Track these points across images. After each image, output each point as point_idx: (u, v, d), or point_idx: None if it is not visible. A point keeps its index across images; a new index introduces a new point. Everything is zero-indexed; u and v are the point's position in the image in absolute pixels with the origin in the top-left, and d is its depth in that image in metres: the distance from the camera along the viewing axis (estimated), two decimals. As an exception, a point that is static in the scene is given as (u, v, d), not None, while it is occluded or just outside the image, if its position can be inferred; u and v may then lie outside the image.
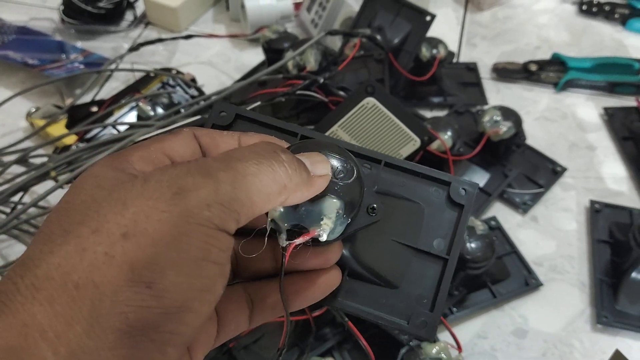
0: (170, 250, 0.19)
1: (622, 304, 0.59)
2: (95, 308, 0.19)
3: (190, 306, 0.20)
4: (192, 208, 0.20)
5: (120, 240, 0.19)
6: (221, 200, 0.21)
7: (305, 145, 0.26)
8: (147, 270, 0.19)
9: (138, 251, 0.19)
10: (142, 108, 0.70)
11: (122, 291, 0.19)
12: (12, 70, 0.86)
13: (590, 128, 0.78)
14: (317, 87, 0.63)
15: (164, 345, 0.20)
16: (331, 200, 0.25)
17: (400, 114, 0.57)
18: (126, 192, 0.21)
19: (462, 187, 0.30)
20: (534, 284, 0.62)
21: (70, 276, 0.19)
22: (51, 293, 0.19)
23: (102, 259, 0.19)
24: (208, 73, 0.87)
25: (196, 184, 0.21)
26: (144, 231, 0.19)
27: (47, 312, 0.18)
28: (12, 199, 0.64)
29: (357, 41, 0.68)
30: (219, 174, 0.21)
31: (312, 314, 0.53)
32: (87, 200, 0.21)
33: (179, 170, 0.21)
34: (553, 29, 0.94)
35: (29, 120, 0.77)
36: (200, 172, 0.21)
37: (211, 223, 0.20)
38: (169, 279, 0.19)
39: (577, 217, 0.68)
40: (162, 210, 0.20)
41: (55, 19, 0.93)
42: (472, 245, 0.56)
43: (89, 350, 0.18)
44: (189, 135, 0.26)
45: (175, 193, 0.20)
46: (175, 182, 0.21)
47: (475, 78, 0.85)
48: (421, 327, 0.28)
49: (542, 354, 0.58)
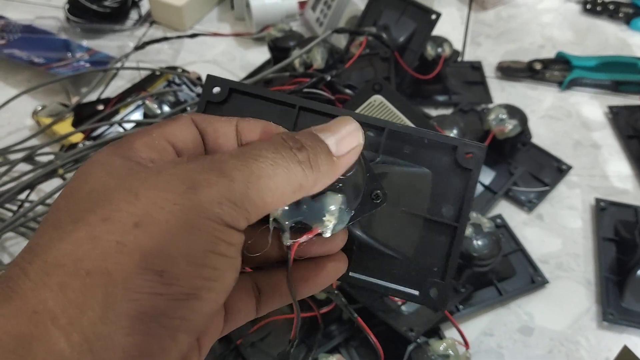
0: (180, 240, 0.20)
1: (628, 302, 0.60)
2: (109, 295, 0.19)
3: (198, 294, 0.20)
4: (203, 204, 0.20)
5: (132, 229, 0.19)
6: (233, 199, 0.21)
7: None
8: (158, 259, 0.19)
9: (149, 240, 0.19)
10: (148, 106, 0.70)
11: (133, 279, 0.19)
12: (18, 68, 0.86)
13: (595, 126, 0.79)
14: (323, 85, 0.63)
15: (175, 332, 0.20)
16: (333, 196, 0.24)
17: (407, 112, 0.57)
18: (139, 182, 0.21)
19: (470, 150, 0.29)
20: (540, 281, 0.62)
21: (82, 263, 0.19)
22: (63, 279, 0.19)
23: (114, 247, 0.19)
24: (213, 72, 0.86)
25: (209, 181, 0.21)
26: (156, 221, 0.20)
27: (59, 298, 0.18)
28: (19, 197, 0.64)
29: (363, 39, 0.68)
30: (233, 173, 0.21)
31: (319, 311, 0.53)
32: (98, 189, 0.21)
33: (193, 165, 0.21)
34: (557, 27, 0.94)
35: (35, 118, 0.77)
36: (214, 169, 0.21)
37: (221, 220, 0.20)
38: (179, 267, 0.20)
39: (582, 215, 0.68)
40: (174, 203, 0.20)
41: (61, 18, 0.93)
42: (478, 242, 0.56)
43: (103, 336, 0.18)
44: (188, 120, 0.26)
45: (188, 187, 0.20)
46: (189, 177, 0.21)
47: (479, 77, 0.85)
48: (432, 296, 0.28)
49: (548, 351, 0.58)
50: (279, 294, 0.27)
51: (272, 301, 0.28)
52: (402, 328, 0.54)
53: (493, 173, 0.70)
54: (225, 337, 0.56)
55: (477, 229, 0.57)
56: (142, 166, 0.23)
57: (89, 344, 0.18)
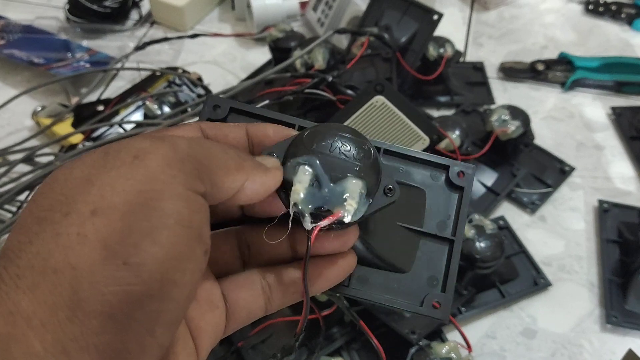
0: (140, 219, 0.19)
1: (632, 304, 0.59)
2: (75, 292, 0.18)
3: (171, 278, 0.19)
4: (154, 169, 0.20)
5: (90, 217, 0.19)
6: (180, 157, 0.20)
7: (320, 130, 0.26)
8: (120, 245, 0.18)
9: (108, 226, 0.19)
10: (148, 107, 0.70)
11: (98, 271, 0.18)
12: (17, 69, 0.86)
13: (597, 127, 0.78)
14: (325, 85, 0.63)
15: (152, 325, 0.19)
16: (353, 180, 0.25)
17: (409, 113, 0.57)
18: (89, 168, 0.20)
19: (460, 170, 0.30)
20: (543, 284, 0.61)
21: (48, 262, 0.18)
22: (33, 280, 0.18)
23: (76, 239, 0.18)
24: (214, 72, 0.87)
25: (154, 146, 0.20)
26: (112, 204, 0.19)
27: (31, 300, 0.18)
28: (18, 198, 0.64)
29: (365, 40, 0.68)
30: (174, 139, 0.21)
31: (321, 313, 0.53)
32: (57, 187, 0.20)
33: (134, 138, 0.21)
34: (559, 28, 0.94)
35: (34, 119, 0.77)
36: (156, 136, 0.21)
37: (176, 181, 0.20)
38: (144, 251, 0.19)
39: (585, 217, 0.68)
40: (125, 178, 0.19)
41: (61, 18, 0.93)
42: (481, 244, 0.56)
43: (74, 336, 0.18)
44: (196, 128, 0.26)
45: (134, 157, 0.20)
46: (133, 147, 0.20)
47: (482, 77, 0.85)
48: (435, 308, 0.28)
49: (551, 354, 0.57)
50: (292, 291, 0.27)
51: (284, 298, 0.27)
52: (404, 331, 0.53)
53: (495, 174, 0.70)
54: (226, 339, 0.56)
55: (479, 231, 0.57)
56: (95, 152, 0.22)
57: (62, 345, 0.18)
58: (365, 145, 0.26)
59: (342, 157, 0.25)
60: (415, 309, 0.29)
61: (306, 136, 0.26)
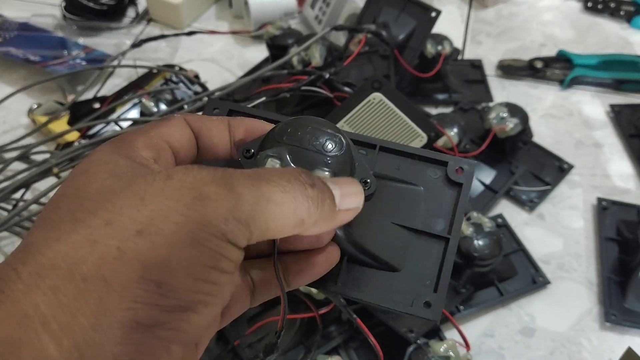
0: (182, 253, 0.19)
1: (631, 302, 0.59)
2: (103, 302, 0.18)
3: (196, 308, 0.20)
4: (209, 218, 0.20)
5: (134, 236, 0.19)
6: (239, 217, 0.20)
7: (291, 123, 0.26)
8: (157, 270, 0.19)
9: (151, 250, 0.19)
10: (145, 104, 0.69)
11: (131, 287, 0.18)
12: (13, 66, 0.86)
13: (596, 125, 0.78)
14: (322, 83, 0.62)
15: (169, 343, 0.20)
16: (323, 173, 0.24)
17: (407, 110, 0.56)
18: (146, 186, 0.20)
19: (460, 166, 0.29)
20: (542, 282, 0.61)
21: (78, 267, 0.18)
22: (56, 283, 0.18)
23: (114, 253, 0.19)
24: (211, 70, 0.86)
25: (218, 195, 0.20)
26: (159, 231, 0.19)
27: (51, 302, 0.18)
28: (14, 196, 0.64)
29: (363, 37, 0.68)
30: (242, 190, 0.21)
31: (318, 312, 0.53)
32: (102, 190, 0.21)
33: (204, 175, 0.21)
34: (558, 26, 0.93)
35: (30, 117, 0.76)
36: (225, 183, 0.21)
37: (224, 236, 0.20)
38: (178, 280, 0.19)
39: (584, 215, 0.68)
40: (180, 214, 0.20)
41: (57, 16, 0.92)
42: (479, 242, 0.55)
43: (94, 343, 0.18)
44: (181, 120, 0.26)
45: (195, 198, 0.20)
46: (198, 187, 0.20)
47: (480, 75, 0.84)
48: (426, 308, 0.28)
49: (550, 352, 0.57)
50: (274, 285, 0.27)
51: (266, 291, 0.27)
52: (402, 329, 0.53)
53: (494, 172, 0.70)
54: (222, 338, 0.55)
55: (477, 229, 0.56)
56: (147, 168, 0.22)
57: (79, 351, 0.18)
58: (337, 137, 0.25)
59: (312, 149, 0.25)
60: (405, 309, 0.28)
61: (278, 129, 0.25)
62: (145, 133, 0.25)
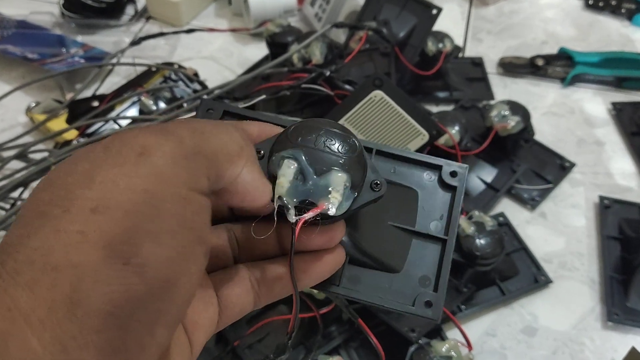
0: (144, 220, 0.18)
1: (633, 301, 0.58)
2: (76, 290, 0.17)
3: (173, 279, 0.19)
4: (159, 167, 0.19)
5: (91, 215, 0.18)
6: (185, 153, 0.20)
7: (305, 124, 0.26)
8: (123, 245, 0.18)
9: (111, 225, 0.18)
10: (144, 102, 0.69)
11: (101, 270, 0.18)
12: (11, 64, 0.85)
13: (598, 123, 0.77)
14: (322, 80, 0.62)
15: (153, 325, 0.19)
16: (338, 174, 0.25)
17: (408, 108, 0.56)
18: (90, 162, 0.19)
19: (453, 170, 0.30)
20: (544, 281, 0.61)
21: (48, 258, 0.18)
22: (32, 276, 0.18)
23: (76, 238, 0.18)
24: (210, 68, 0.86)
25: (159, 142, 0.20)
26: (115, 202, 0.18)
27: (29, 297, 0.17)
28: (12, 195, 0.63)
29: (363, 34, 0.67)
30: (178, 131, 0.20)
31: (319, 311, 0.52)
32: (58, 179, 0.20)
33: (137, 131, 0.20)
34: (560, 23, 0.93)
35: (28, 115, 0.76)
36: (160, 130, 0.20)
37: (180, 182, 0.19)
38: (147, 251, 0.18)
39: (586, 213, 0.67)
40: (129, 176, 0.19)
41: (56, 13, 0.92)
42: (481, 241, 0.55)
43: (73, 335, 0.17)
44: None
45: (139, 154, 0.19)
46: (137, 143, 0.20)
47: (481, 73, 0.84)
48: (426, 307, 0.28)
49: (552, 352, 0.57)
50: (280, 286, 0.27)
51: (271, 293, 0.27)
52: (403, 329, 0.53)
53: (495, 170, 0.69)
54: (222, 339, 0.55)
55: (479, 228, 0.56)
56: (95, 145, 0.21)
57: (61, 343, 0.17)
58: (350, 139, 0.26)
59: (327, 150, 0.25)
60: (406, 309, 0.28)
61: (291, 131, 0.26)
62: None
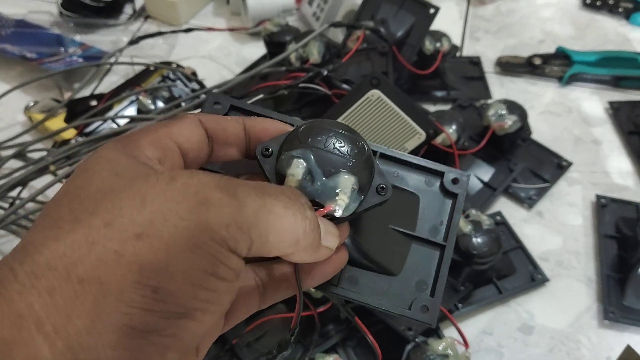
0: (181, 258, 0.19)
1: (630, 300, 0.59)
2: (99, 305, 0.18)
3: (193, 315, 0.20)
4: (211, 224, 0.20)
5: (133, 239, 0.19)
6: (241, 224, 0.20)
7: (315, 125, 0.26)
8: (155, 274, 0.19)
9: (149, 254, 0.19)
10: (142, 101, 0.69)
11: (127, 292, 0.18)
12: (9, 63, 0.85)
13: (595, 122, 0.78)
14: (320, 80, 0.62)
15: (165, 349, 0.19)
16: (346, 176, 0.25)
17: (405, 107, 0.56)
18: (148, 187, 0.20)
19: (455, 177, 0.31)
20: (540, 279, 0.61)
21: (75, 268, 0.18)
22: (52, 283, 0.18)
23: (112, 256, 0.18)
24: (208, 67, 0.86)
25: (222, 201, 0.20)
26: (159, 234, 0.19)
27: (46, 303, 0.18)
28: (10, 194, 0.63)
29: (361, 34, 0.67)
30: (246, 199, 0.21)
31: (316, 310, 0.52)
32: (103, 189, 0.20)
33: (208, 180, 0.21)
34: (557, 22, 0.93)
35: (27, 114, 0.76)
36: (228, 190, 0.21)
37: (225, 243, 0.20)
38: (176, 285, 0.19)
39: (583, 212, 0.67)
40: (181, 217, 0.19)
41: (54, 12, 0.92)
42: (478, 240, 0.55)
43: (88, 347, 0.18)
44: (195, 120, 0.26)
45: (198, 202, 0.20)
46: (202, 192, 0.20)
47: (478, 72, 0.84)
48: (422, 312, 0.28)
49: (549, 350, 0.57)
50: (285, 286, 0.27)
51: (276, 293, 0.27)
52: (400, 327, 0.53)
53: (492, 169, 0.69)
54: (220, 337, 0.55)
55: (476, 226, 0.56)
56: (150, 168, 0.22)
57: (72, 353, 0.17)
58: (359, 142, 0.26)
59: (336, 152, 0.25)
60: (402, 312, 0.29)
61: (301, 131, 0.26)
62: (152, 132, 0.24)
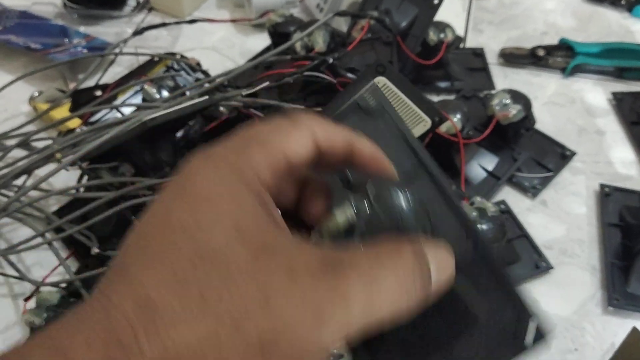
0: (283, 345, 0.19)
1: (634, 287, 0.59)
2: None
3: None
4: (325, 341, 0.19)
5: (259, 353, 0.18)
6: (349, 329, 0.20)
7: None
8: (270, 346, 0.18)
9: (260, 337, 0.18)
10: (147, 91, 0.69)
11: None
12: (14, 54, 0.85)
13: (598, 113, 0.78)
14: (325, 68, 0.62)
15: None
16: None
17: (411, 94, 0.56)
18: (274, 283, 0.19)
19: (537, 324, 0.24)
20: (544, 267, 0.61)
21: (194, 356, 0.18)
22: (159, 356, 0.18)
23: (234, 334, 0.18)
24: (212, 58, 0.86)
25: (334, 309, 0.20)
26: (277, 344, 0.18)
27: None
28: (16, 182, 0.63)
29: (366, 23, 0.67)
30: (355, 296, 0.20)
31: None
32: (221, 248, 0.19)
33: (322, 284, 0.20)
34: (560, 14, 0.93)
35: (31, 104, 0.76)
36: (343, 297, 0.20)
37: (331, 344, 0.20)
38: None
39: (586, 201, 0.68)
40: (294, 305, 0.19)
41: (58, 4, 0.92)
42: (483, 227, 0.55)
43: None
44: (308, 134, 0.24)
45: (315, 318, 0.19)
46: (318, 304, 0.19)
47: (482, 63, 0.84)
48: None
49: (553, 337, 0.57)
50: None
51: None
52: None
53: (496, 159, 0.70)
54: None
55: (481, 213, 0.56)
56: (275, 225, 0.21)
57: None
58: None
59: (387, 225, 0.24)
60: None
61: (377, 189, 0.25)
62: (267, 147, 0.22)
